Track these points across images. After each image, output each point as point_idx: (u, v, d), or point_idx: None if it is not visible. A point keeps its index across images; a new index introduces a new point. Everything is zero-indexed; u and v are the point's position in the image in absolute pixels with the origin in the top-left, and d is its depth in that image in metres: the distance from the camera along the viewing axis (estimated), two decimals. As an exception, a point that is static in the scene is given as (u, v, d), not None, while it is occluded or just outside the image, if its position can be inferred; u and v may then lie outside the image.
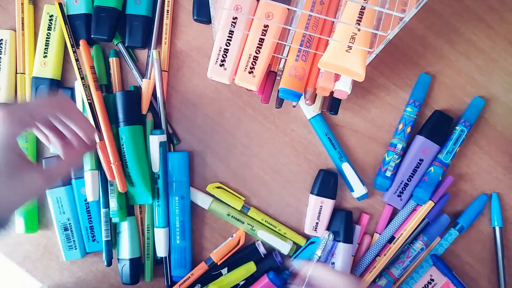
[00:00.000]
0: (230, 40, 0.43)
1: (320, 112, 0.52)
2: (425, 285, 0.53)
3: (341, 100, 0.49)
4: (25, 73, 0.52)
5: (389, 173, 0.52)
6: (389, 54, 0.54)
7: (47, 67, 0.51)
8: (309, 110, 0.53)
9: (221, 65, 0.43)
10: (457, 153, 0.53)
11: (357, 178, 0.52)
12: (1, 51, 0.51)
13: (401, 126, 0.53)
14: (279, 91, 0.45)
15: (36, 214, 0.51)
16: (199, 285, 0.52)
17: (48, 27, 0.51)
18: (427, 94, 0.54)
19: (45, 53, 0.51)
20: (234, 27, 0.43)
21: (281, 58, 0.47)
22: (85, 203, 0.51)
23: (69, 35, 0.50)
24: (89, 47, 0.51)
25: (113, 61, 0.52)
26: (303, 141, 0.54)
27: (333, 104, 0.49)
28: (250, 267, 0.51)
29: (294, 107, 0.53)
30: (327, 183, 0.52)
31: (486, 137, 0.55)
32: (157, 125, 0.52)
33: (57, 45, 0.51)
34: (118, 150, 0.50)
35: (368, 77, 0.54)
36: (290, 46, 0.44)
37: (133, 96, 0.51)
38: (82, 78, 0.49)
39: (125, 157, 0.50)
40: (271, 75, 0.48)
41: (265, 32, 0.43)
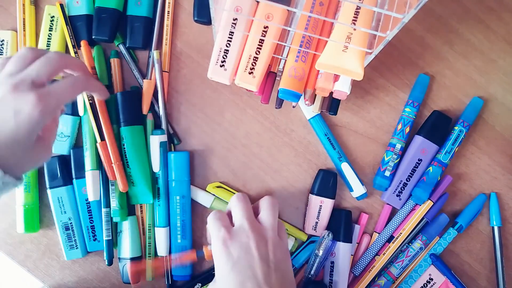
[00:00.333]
0: (230, 41, 0.43)
1: (319, 112, 0.52)
2: (424, 284, 0.53)
3: (340, 100, 0.50)
4: (26, 74, 0.52)
5: (388, 173, 0.52)
6: (388, 54, 0.54)
7: (49, 68, 0.51)
8: (308, 110, 0.53)
9: (221, 66, 0.43)
10: (455, 153, 0.53)
11: (356, 178, 0.53)
12: (3, 52, 0.52)
13: (400, 126, 0.53)
14: (278, 91, 0.45)
15: (37, 213, 0.52)
16: (199, 285, 0.52)
17: (49, 28, 0.51)
18: (426, 94, 0.54)
19: (46, 53, 0.51)
20: (234, 28, 0.43)
21: (281, 59, 0.47)
22: (86, 203, 0.51)
23: (70, 36, 0.50)
24: (90, 48, 0.52)
25: (114, 62, 0.52)
26: (303, 141, 0.54)
27: (332, 104, 0.50)
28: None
29: (293, 107, 0.53)
30: (327, 183, 0.52)
31: (484, 137, 0.55)
32: (157, 126, 0.53)
33: (58, 46, 0.51)
34: (119, 150, 0.50)
35: (367, 77, 0.54)
36: (289, 47, 0.45)
37: (134, 96, 0.51)
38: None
39: (126, 157, 0.50)
40: (271, 76, 0.48)
41: (265, 33, 0.43)
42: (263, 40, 0.43)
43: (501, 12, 0.55)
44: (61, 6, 0.50)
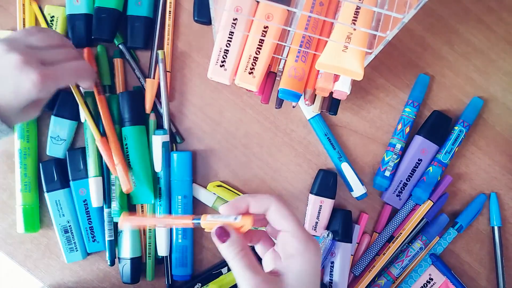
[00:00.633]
0: (230, 41, 0.43)
1: (319, 112, 0.52)
2: (424, 284, 0.53)
3: (340, 100, 0.50)
4: (26, 74, 0.52)
5: (388, 173, 0.52)
6: (388, 55, 0.54)
7: (49, 68, 0.51)
8: (308, 110, 0.53)
9: (221, 66, 0.43)
10: (455, 153, 0.53)
11: (356, 178, 0.53)
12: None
13: (400, 126, 0.53)
14: (278, 91, 0.45)
15: (37, 213, 0.52)
16: (199, 285, 0.52)
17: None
18: (426, 94, 0.54)
19: (46, 53, 0.51)
20: (234, 28, 0.43)
21: (281, 59, 0.47)
22: (84, 204, 0.51)
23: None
24: (91, 49, 0.51)
25: (117, 62, 0.52)
26: (303, 141, 0.54)
27: (332, 104, 0.50)
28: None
29: (293, 107, 0.53)
30: (327, 183, 0.52)
31: (484, 137, 0.55)
32: (159, 126, 0.53)
33: (58, 46, 0.52)
34: (121, 149, 0.50)
35: (367, 77, 0.54)
36: (289, 47, 0.45)
37: (137, 96, 0.51)
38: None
39: (128, 157, 0.50)
40: (271, 76, 0.48)
41: (265, 33, 0.43)
42: (263, 40, 0.43)
43: (501, 12, 0.55)
44: (40, 7, 0.52)
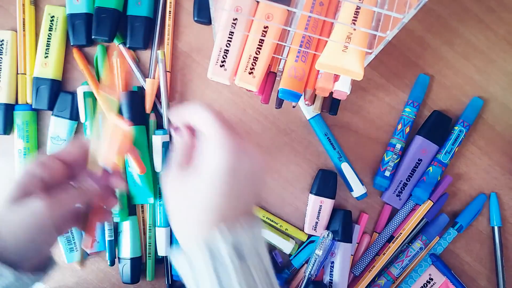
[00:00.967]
0: (230, 41, 0.43)
1: (319, 112, 0.52)
2: (424, 284, 0.53)
3: (340, 100, 0.50)
4: (26, 74, 0.52)
5: (388, 173, 0.52)
6: (388, 55, 0.54)
7: (48, 68, 0.51)
8: (308, 110, 0.53)
9: (221, 66, 0.43)
10: (455, 153, 0.53)
11: (356, 178, 0.53)
12: (2, 52, 0.52)
13: (400, 126, 0.53)
14: (278, 91, 0.45)
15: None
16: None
17: (49, 28, 0.51)
18: (426, 94, 0.54)
19: (46, 53, 0.51)
20: (234, 28, 0.43)
21: (281, 58, 0.47)
22: (85, 203, 0.51)
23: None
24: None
25: (117, 62, 0.52)
26: (303, 141, 0.54)
27: (332, 104, 0.50)
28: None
29: (294, 107, 0.53)
30: (327, 182, 0.52)
31: (484, 137, 0.55)
32: (159, 126, 0.53)
33: (58, 45, 0.51)
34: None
35: (367, 77, 0.54)
36: (289, 47, 0.45)
37: (137, 96, 0.51)
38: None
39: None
40: (271, 76, 0.48)
41: (265, 33, 0.43)
42: (263, 40, 0.43)
43: (501, 12, 0.55)
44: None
